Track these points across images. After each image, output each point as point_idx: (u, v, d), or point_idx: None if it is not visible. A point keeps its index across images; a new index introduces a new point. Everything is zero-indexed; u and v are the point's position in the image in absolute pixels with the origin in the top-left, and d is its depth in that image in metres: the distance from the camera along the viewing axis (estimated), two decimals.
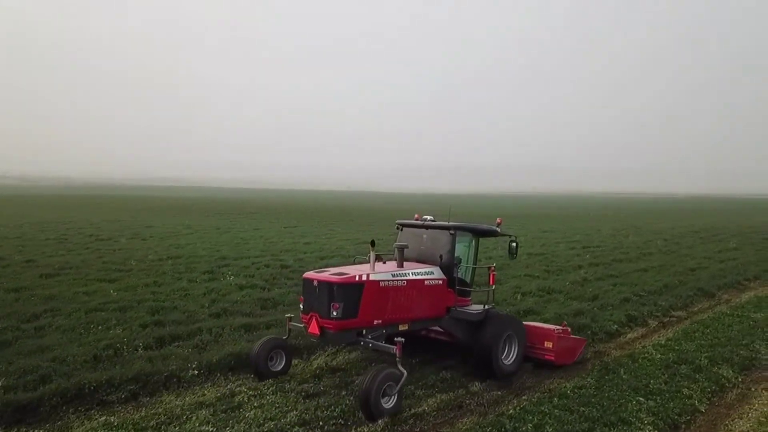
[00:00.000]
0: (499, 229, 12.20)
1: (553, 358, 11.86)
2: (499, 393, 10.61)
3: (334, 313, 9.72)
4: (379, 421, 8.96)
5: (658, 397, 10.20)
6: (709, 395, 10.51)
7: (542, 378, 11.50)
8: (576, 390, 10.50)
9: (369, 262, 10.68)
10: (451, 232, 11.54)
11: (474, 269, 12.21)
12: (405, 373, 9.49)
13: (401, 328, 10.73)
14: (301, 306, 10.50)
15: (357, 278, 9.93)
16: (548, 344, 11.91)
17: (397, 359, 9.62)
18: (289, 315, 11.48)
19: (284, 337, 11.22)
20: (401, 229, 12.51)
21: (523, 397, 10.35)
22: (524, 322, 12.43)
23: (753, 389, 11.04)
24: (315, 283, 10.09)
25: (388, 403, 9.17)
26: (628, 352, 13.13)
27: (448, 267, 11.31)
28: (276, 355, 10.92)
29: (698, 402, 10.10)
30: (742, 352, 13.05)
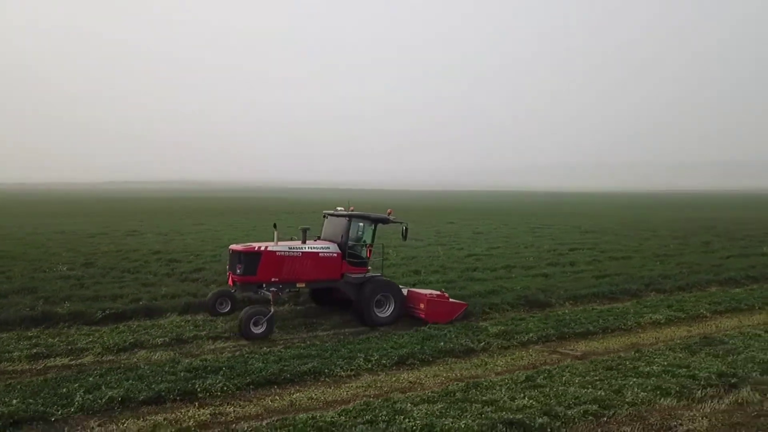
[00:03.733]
0: (390, 218, 15.71)
1: (423, 316, 14.93)
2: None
3: (238, 271, 13.99)
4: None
5: None
6: None
7: None
8: None
9: (297, 240, 15.00)
10: (347, 219, 15.21)
11: (372, 246, 15.73)
12: (272, 311, 13.59)
13: (299, 285, 14.68)
14: (227, 267, 14.94)
15: (256, 248, 14.12)
16: (422, 306, 15.03)
17: (271, 302, 13.97)
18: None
19: (232, 290, 15.35)
20: (326, 217, 16.30)
21: None
22: (410, 288, 16.17)
23: None
24: (230, 251, 14.55)
25: (259, 329, 13.19)
26: None
27: (343, 244, 15.03)
28: (224, 301, 15.49)
29: None
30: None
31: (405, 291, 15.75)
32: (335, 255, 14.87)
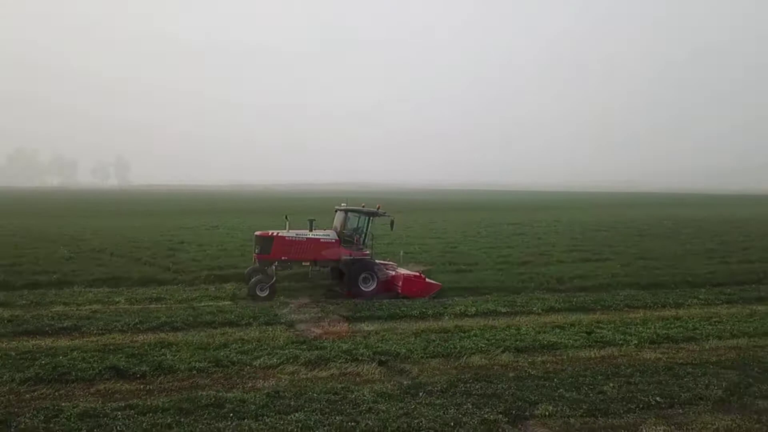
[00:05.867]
0: (379, 212, 19.36)
1: (400, 291, 18.43)
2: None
3: (257, 251, 18.54)
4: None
5: None
6: None
7: None
8: None
9: (306, 230, 18.94)
10: (344, 212, 19.31)
11: (366, 234, 19.44)
12: (273, 279, 18.03)
13: (304, 264, 19.12)
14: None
15: (270, 234, 18.50)
16: (399, 283, 18.59)
17: (274, 273, 18.29)
18: None
19: (264, 267, 19.07)
20: (336, 211, 20.02)
21: None
22: (398, 269, 19.63)
23: None
24: (255, 236, 18.91)
25: (263, 293, 17.65)
26: None
27: (340, 232, 18.98)
28: (258, 274, 18.92)
29: None
30: None
31: (393, 272, 19.43)
32: (333, 241, 18.79)
